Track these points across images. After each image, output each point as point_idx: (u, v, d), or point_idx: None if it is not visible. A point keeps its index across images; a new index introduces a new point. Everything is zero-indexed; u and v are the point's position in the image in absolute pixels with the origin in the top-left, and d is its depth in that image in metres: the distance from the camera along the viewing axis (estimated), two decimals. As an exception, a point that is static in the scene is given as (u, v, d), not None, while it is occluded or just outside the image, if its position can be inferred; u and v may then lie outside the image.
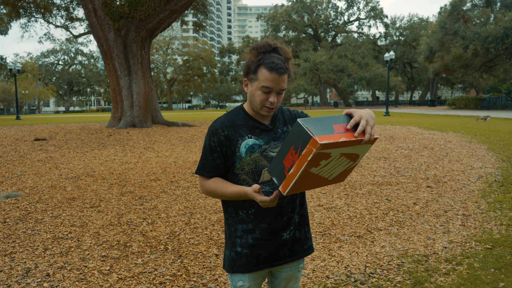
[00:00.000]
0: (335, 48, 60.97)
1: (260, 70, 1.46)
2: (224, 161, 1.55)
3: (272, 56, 1.46)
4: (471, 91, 72.16)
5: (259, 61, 1.47)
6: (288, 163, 1.30)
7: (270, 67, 1.44)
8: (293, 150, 1.27)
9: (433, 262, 3.13)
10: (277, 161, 1.35)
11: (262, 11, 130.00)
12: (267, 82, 1.46)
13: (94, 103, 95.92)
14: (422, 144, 9.59)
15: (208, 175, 1.56)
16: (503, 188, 5.39)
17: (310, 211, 4.46)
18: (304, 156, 1.23)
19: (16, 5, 19.58)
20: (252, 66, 1.49)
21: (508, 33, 31.03)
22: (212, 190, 1.56)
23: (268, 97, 1.49)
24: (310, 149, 1.21)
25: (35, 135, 12.86)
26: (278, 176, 1.35)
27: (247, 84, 1.56)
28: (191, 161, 7.67)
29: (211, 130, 1.56)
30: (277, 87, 1.47)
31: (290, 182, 1.31)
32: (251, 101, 1.54)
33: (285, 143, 1.31)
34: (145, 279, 2.88)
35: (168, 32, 66.01)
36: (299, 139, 1.24)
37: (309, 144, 1.21)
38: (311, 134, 1.20)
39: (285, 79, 1.48)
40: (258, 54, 1.49)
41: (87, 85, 74.00)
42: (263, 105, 1.50)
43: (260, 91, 1.48)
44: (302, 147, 1.24)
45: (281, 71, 1.44)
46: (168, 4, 14.16)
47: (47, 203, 4.86)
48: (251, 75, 1.51)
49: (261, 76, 1.47)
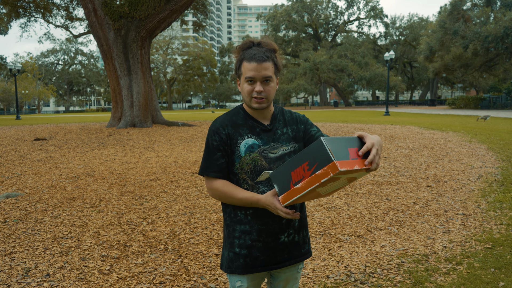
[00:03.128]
0: (335, 47, 60.95)
1: (243, 64, 1.52)
2: (227, 160, 1.55)
3: (252, 49, 1.53)
4: (471, 90, 72.14)
5: (241, 57, 1.53)
6: (296, 177, 1.28)
7: (248, 57, 1.50)
8: (307, 166, 1.24)
9: (433, 262, 3.13)
10: (284, 170, 1.32)
11: (262, 10, 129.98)
12: (249, 72, 1.50)
13: (94, 103, 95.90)
14: (422, 144, 9.59)
15: (213, 175, 1.55)
16: (503, 187, 5.39)
17: (310, 210, 4.46)
18: (318, 177, 1.21)
19: (16, 4, 19.56)
20: (237, 63, 1.56)
21: (508, 32, 31.02)
22: (220, 193, 1.54)
23: (253, 87, 1.51)
24: (327, 172, 1.19)
25: (35, 135, 12.86)
26: (282, 185, 1.32)
27: (239, 83, 1.59)
28: (191, 161, 7.67)
29: (212, 130, 1.56)
30: (259, 75, 1.49)
31: (293, 196, 1.29)
32: (243, 97, 1.57)
33: (299, 156, 1.28)
34: (145, 278, 2.88)
35: (168, 32, 65.99)
36: (317, 158, 1.21)
37: (327, 166, 1.18)
38: (332, 157, 1.18)
39: (267, 66, 1.50)
40: (241, 51, 1.55)
41: (87, 85, 73.98)
42: (251, 96, 1.52)
43: (246, 83, 1.52)
44: (318, 167, 1.21)
45: (260, 59, 1.48)
46: (168, 3, 14.15)
47: (47, 203, 4.86)
48: (238, 72, 1.56)
49: (243, 69, 1.52)
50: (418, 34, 57.65)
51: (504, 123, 17.01)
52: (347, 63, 52.98)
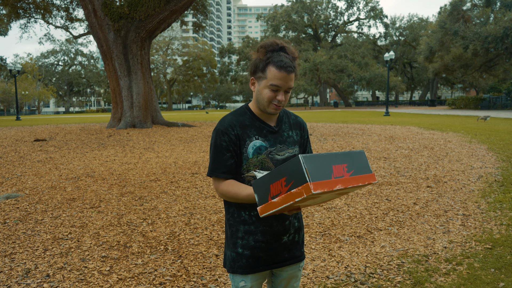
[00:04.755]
0: (335, 48, 60.99)
1: (269, 68, 1.47)
2: (236, 160, 1.52)
3: (280, 54, 1.47)
4: (471, 91, 72.16)
5: (268, 60, 1.47)
6: (274, 191, 1.24)
7: (279, 65, 1.45)
8: (284, 181, 1.20)
9: (433, 262, 3.13)
10: (265, 181, 1.28)
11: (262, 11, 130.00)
12: (276, 80, 1.46)
13: (94, 103, 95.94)
14: (422, 144, 9.59)
15: (223, 176, 1.51)
16: (503, 188, 5.39)
17: (310, 211, 4.46)
18: (293, 195, 1.17)
19: (16, 5, 19.57)
20: (260, 64, 1.49)
21: (508, 33, 31.03)
22: (225, 191, 1.51)
23: (276, 95, 1.49)
24: (301, 192, 1.14)
25: (35, 135, 12.86)
26: (261, 196, 1.30)
27: (254, 82, 1.55)
28: (191, 161, 7.67)
29: (220, 130, 1.52)
30: (285, 85, 1.48)
31: (270, 209, 1.26)
32: (258, 100, 1.53)
33: (278, 170, 1.23)
34: (145, 279, 2.88)
35: (168, 32, 66.01)
36: (294, 176, 1.17)
37: (302, 187, 1.14)
38: (307, 178, 1.12)
39: (293, 77, 1.49)
40: (266, 52, 1.49)
41: (87, 85, 74.02)
42: (271, 102, 1.50)
43: (268, 89, 1.48)
44: (294, 185, 1.16)
45: (289, 70, 1.46)
46: (167, 4, 14.16)
47: (47, 203, 4.86)
48: (259, 73, 1.51)
49: (269, 74, 1.47)
50: (418, 34, 57.68)
51: (504, 123, 17.01)
52: (347, 64, 53.01)
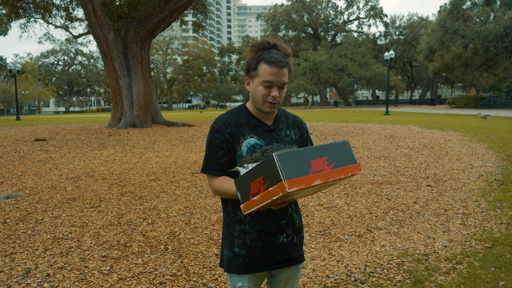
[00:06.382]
0: (335, 47, 60.96)
1: (260, 65, 1.48)
2: (230, 158, 1.54)
3: (271, 51, 1.49)
4: (471, 90, 72.13)
5: (259, 57, 1.49)
6: (254, 189, 1.24)
7: (269, 61, 1.46)
8: (262, 180, 1.20)
9: (433, 261, 3.13)
10: (245, 179, 1.29)
11: (262, 10, 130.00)
12: (268, 76, 1.47)
13: (94, 103, 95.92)
14: (422, 143, 9.59)
15: (216, 173, 1.53)
16: (503, 186, 5.39)
17: (310, 210, 4.46)
18: (270, 193, 1.17)
19: (16, 5, 19.55)
20: (252, 63, 1.51)
21: (508, 31, 31.00)
22: (217, 188, 1.52)
23: (269, 92, 1.49)
24: (277, 190, 1.14)
25: (35, 135, 12.86)
26: (243, 194, 1.30)
27: (249, 82, 1.56)
28: (191, 161, 7.67)
29: (215, 128, 1.54)
30: (278, 80, 1.48)
31: (252, 207, 1.26)
32: (254, 98, 1.54)
33: (256, 169, 1.23)
34: (145, 279, 2.89)
35: (168, 32, 65.98)
36: (270, 174, 1.17)
37: (277, 185, 1.14)
38: (282, 177, 1.12)
39: (285, 73, 1.49)
40: (257, 50, 1.51)
41: (87, 85, 73.97)
42: (265, 100, 1.50)
43: (262, 86, 1.49)
44: (271, 184, 1.17)
45: (280, 64, 1.46)
46: (167, 4, 14.15)
47: (47, 203, 4.86)
48: (252, 72, 1.52)
49: (261, 71, 1.48)
50: (418, 33, 57.64)
51: (504, 122, 17.00)
52: (347, 63, 52.98)
